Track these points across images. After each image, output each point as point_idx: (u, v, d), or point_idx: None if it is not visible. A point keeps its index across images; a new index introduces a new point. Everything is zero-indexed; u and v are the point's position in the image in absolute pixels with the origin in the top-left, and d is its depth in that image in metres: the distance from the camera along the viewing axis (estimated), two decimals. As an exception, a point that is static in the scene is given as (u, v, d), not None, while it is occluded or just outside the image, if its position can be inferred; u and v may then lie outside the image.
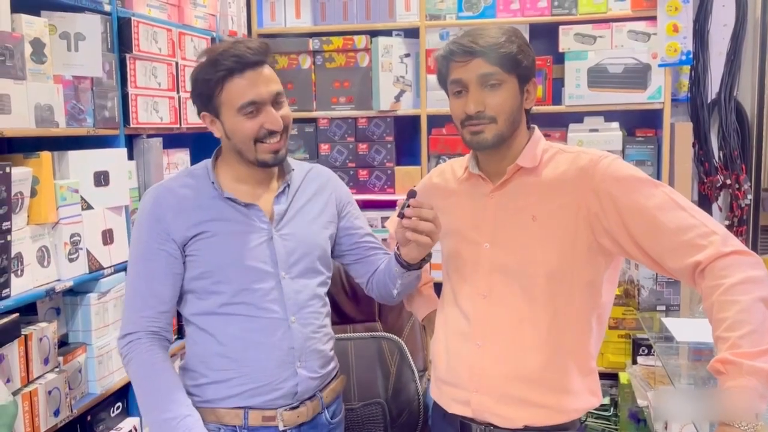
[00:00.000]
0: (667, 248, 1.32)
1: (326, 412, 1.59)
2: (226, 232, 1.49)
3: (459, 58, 1.41)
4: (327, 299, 1.64)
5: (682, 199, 1.35)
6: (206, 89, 1.45)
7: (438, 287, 1.73)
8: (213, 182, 1.52)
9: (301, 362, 1.51)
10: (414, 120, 3.18)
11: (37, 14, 1.87)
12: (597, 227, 1.39)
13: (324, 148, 3.20)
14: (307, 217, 1.58)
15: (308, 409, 1.54)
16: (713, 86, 3.15)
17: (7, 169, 1.64)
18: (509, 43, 1.40)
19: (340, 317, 2.32)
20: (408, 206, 1.40)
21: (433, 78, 3.07)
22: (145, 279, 1.50)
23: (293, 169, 1.60)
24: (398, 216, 1.42)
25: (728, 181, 3.13)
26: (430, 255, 1.53)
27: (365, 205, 3.24)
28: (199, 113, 1.52)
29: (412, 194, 1.42)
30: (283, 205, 1.55)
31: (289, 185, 1.58)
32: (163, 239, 1.49)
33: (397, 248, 1.51)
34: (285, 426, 1.50)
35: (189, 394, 1.52)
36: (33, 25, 1.80)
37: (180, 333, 2.43)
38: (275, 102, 1.48)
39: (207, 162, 1.57)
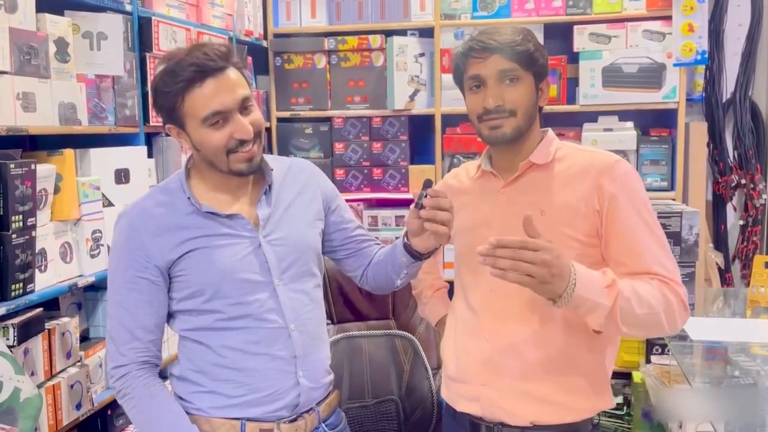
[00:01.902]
0: (633, 270, 1.39)
1: (323, 426, 1.55)
2: (211, 248, 1.41)
3: (478, 54, 1.43)
4: (323, 303, 1.58)
5: (662, 235, 1.43)
6: (167, 101, 1.36)
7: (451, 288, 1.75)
8: (189, 197, 1.43)
9: (303, 371, 1.47)
10: (428, 119, 3.19)
11: (61, 14, 1.90)
12: (598, 223, 1.43)
13: (338, 147, 3.22)
14: (295, 218, 1.51)
15: (306, 423, 1.49)
16: (728, 86, 3.15)
17: (33, 166, 1.67)
18: (526, 42, 1.44)
19: (354, 314, 2.34)
20: (426, 196, 1.38)
21: (447, 77, 3.10)
22: (129, 310, 1.41)
23: (272, 169, 1.50)
24: (416, 207, 1.40)
25: (743, 181, 3.13)
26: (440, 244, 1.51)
27: (379, 204, 3.27)
28: (164, 125, 1.44)
29: (428, 184, 1.39)
30: (266, 209, 1.47)
31: (270, 186, 1.49)
32: (143, 266, 1.40)
33: (406, 238, 1.49)
34: None
35: (182, 400, 1.48)
36: (57, 25, 1.83)
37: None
38: (243, 108, 1.38)
39: (180, 174, 1.48)
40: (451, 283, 1.71)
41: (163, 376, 2.32)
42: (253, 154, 1.40)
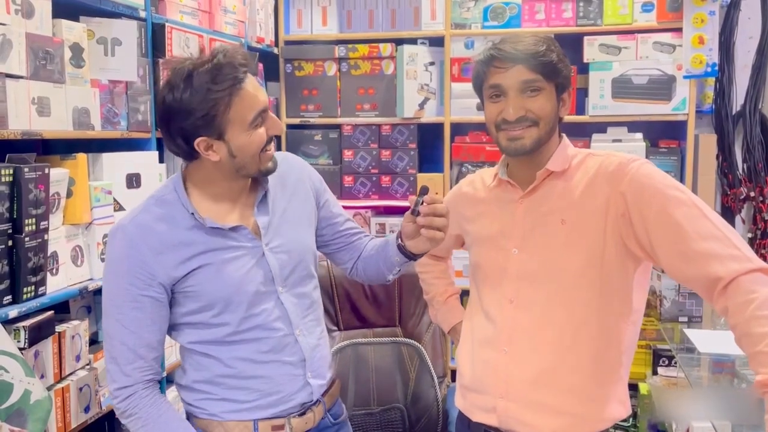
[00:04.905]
0: (686, 255, 1.31)
1: (328, 415, 1.58)
2: (219, 263, 1.40)
3: (499, 63, 1.41)
4: (321, 300, 1.59)
5: (708, 209, 1.35)
6: (212, 110, 1.30)
7: (464, 295, 1.75)
8: (193, 213, 1.39)
9: (311, 372, 1.50)
10: (437, 127, 3.20)
11: (77, 20, 1.92)
12: (625, 230, 1.39)
13: (347, 154, 3.24)
14: (292, 222, 1.51)
15: (315, 415, 1.52)
16: (738, 98, 3.15)
17: (46, 170, 1.68)
18: (550, 52, 1.41)
19: (360, 321, 2.35)
20: (422, 203, 1.39)
21: (457, 86, 3.12)
22: (132, 330, 1.38)
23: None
24: (412, 213, 1.41)
25: (752, 194, 3.12)
26: None
27: (387, 211, 3.28)
28: (189, 142, 1.34)
29: (424, 191, 1.40)
30: (265, 217, 1.47)
31: (266, 192, 1.48)
32: (146, 284, 1.37)
33: (399, 239, 1.49)
34: None
35: (192, 407, 1.48)
36: (73, 30, 1.85)
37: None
38: None
39: (176, 186, 1.42)
40: (464, 292, 1.71)
41: (171, 380, 2.31)
42: (273, 152, 1.42)
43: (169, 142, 1.39)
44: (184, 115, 1.32)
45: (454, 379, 1.85)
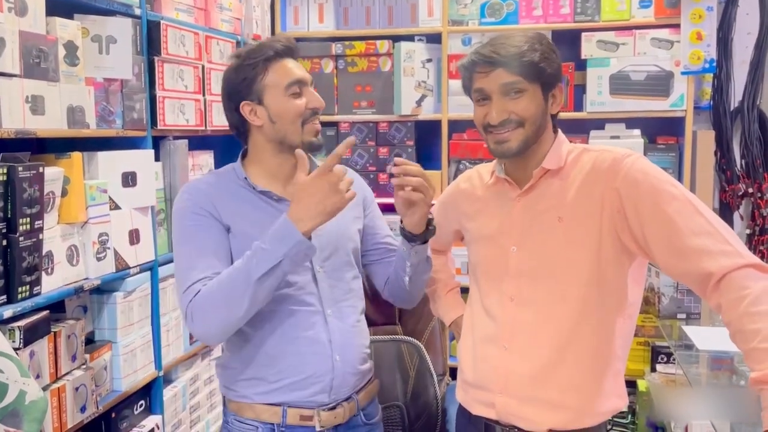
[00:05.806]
0: (679, 251, 1.31)
1: (361, 414, 1.59)
2: (260, 227, 1.45)
3: (481, 68, 1.42)
4: (362, 294, 1.63)
5: (701, 205, 1.35)
6: (250, 73, 1.49)
7: (464, 291, 1.75)
8: (246, 178, 1.52)
9: (339, 356, 1.52)
10: (435, 125, 3.19)
11: (71, 17, 1.91)
12: (620, 226, 1.39)
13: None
14: None
15: (345, 411, 1.54)
16: (736, 94, 3.14)
17: (41, 169, 1.67)
18: (532, 52, 1.40)
19: (359, 320, 2.34)
20: (395, 165, 1.44)
21: (454, 83, 3.11)
22: (200, 253, 1.45)
23: (318, 166, 1.59)
24: (388, 176, 1.45)
25: (750, 190, 3.12)
26: (434, 227, 1.54)
27: (385, 209, 3.25)
28: (237, 107, 1.51)
29: (396, 155, 1.44)
30: None
31: None
32: (210, 222, 1.48)
33: (401, 222, 1.52)
34: (322, 426, 1.51)
35: (227, 389, 1.55)
36: (67, 28, 1.84)
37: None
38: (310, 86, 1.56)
39: (233, 165, 1.57)
40: (464, 288, 1.71)
41: (168, 380, 2.31)
42: (319, 128, 1.54)
43: (228, 116, 1.57)
44: (230, 84, 1.53)
45: (453, 377, 1.84)
